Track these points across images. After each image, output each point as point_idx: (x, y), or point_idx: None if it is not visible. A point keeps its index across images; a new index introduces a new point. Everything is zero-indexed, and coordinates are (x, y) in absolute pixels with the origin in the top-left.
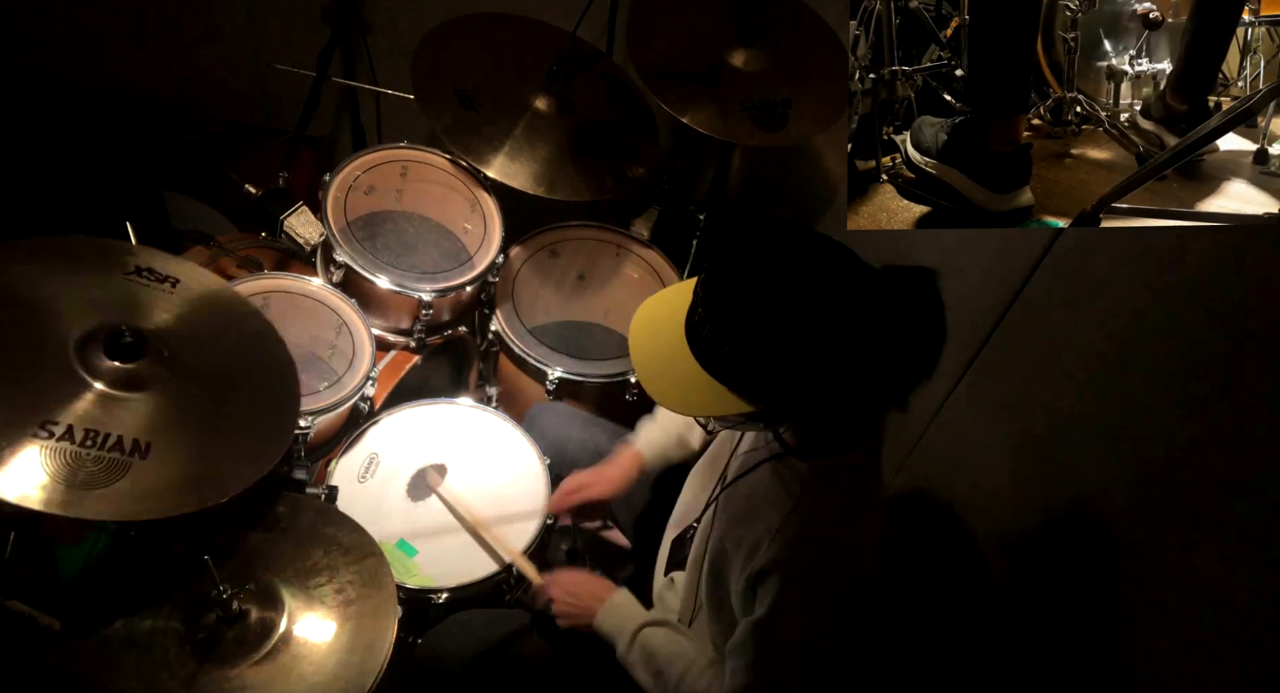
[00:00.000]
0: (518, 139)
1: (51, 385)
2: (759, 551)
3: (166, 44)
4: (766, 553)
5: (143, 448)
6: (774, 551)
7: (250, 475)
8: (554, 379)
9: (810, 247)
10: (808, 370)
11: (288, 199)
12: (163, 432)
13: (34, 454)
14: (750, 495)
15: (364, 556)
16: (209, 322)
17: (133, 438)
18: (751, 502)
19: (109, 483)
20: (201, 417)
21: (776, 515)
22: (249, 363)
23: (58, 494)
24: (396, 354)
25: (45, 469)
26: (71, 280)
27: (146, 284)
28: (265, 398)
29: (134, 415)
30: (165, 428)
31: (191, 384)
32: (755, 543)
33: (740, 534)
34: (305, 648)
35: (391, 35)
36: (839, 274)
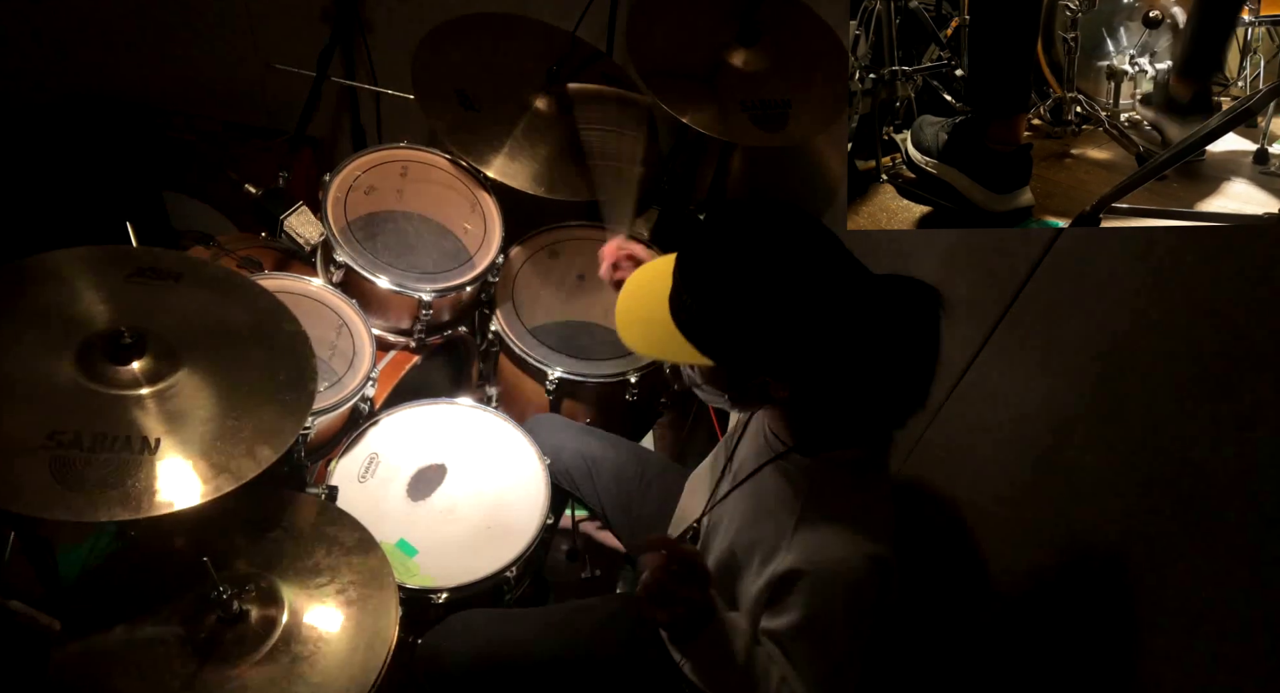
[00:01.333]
0: (518, 139)
1: (54, 392)
2: (776, 553)
3: (167, 44)
4: (787, 556)
5: (152, 445)
6: (795, 553)
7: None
8: (554, 379)
9: (783, 219)
10: (752, 326)
11: (288, 199)
12: (171, 427)
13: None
14: (757, 497)
15: (365, 556)
16: (216, 310)
17: (141, 437)
18: (759, 503)
19: (119, 484)
20: (221, 398)
21: (788, 516)
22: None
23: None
24: (396, 354)
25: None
26: (73, 289)
27: (149, 283)
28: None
29: (139, 414)
30: (173, 423)
31: (198, 376)
32: (771, 546)
33: (751, 538)
34: (306, 648)
35: (391, 35)
36: (796, 242)
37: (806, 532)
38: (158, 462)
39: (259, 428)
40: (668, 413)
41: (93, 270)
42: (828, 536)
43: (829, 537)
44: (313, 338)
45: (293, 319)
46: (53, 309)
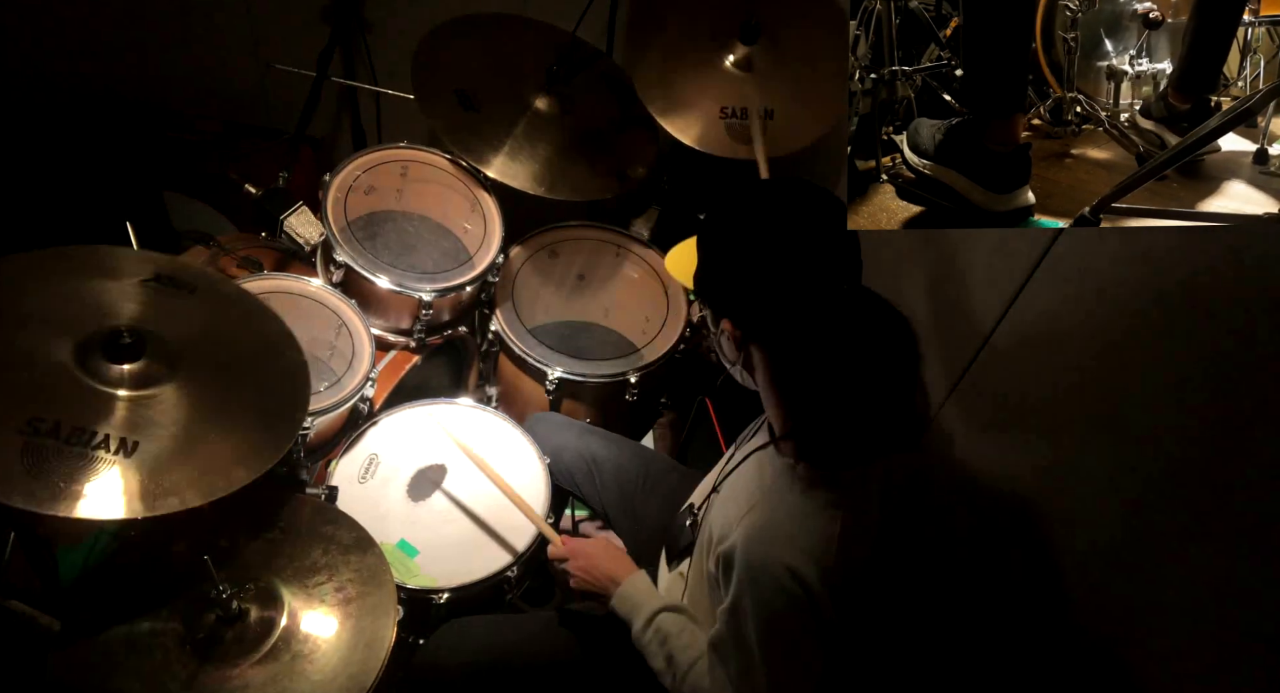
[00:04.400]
0: (518, 139)
1: (46, 380)
2: (729, 534)
3: (166, 44)
4: (731, 537)
5: (129, 447)
6: (737, 536)
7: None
8: (554, 379)
9: (801, 192)
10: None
11: (288, 199)
12: (150, 433)
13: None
14: (736, 484)
15: (364, 554)
16: (221, 323)
17: (119, 437)
18: (734, 489)
19: (84, 480)
20: (206, 414)
21: (747, 501)
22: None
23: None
24: (396, 354)
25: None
26: (89, 284)
27: (165, 291)
28: (272, 395)
29: (122, 415)
30: (152, 430)
31: (196, 383)
32: (729, 526)
33: (720, 519)
34: (305, 648)
35: (391, 35)
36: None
37: (750, 520)
38: (130, 465)
39: (239, 447)
40: (668, 413)
41: (113, 269)
42: (765, 530)
43: (766, 532)
44: (312, 339)
45: (298, 350)
46: (63, 301)
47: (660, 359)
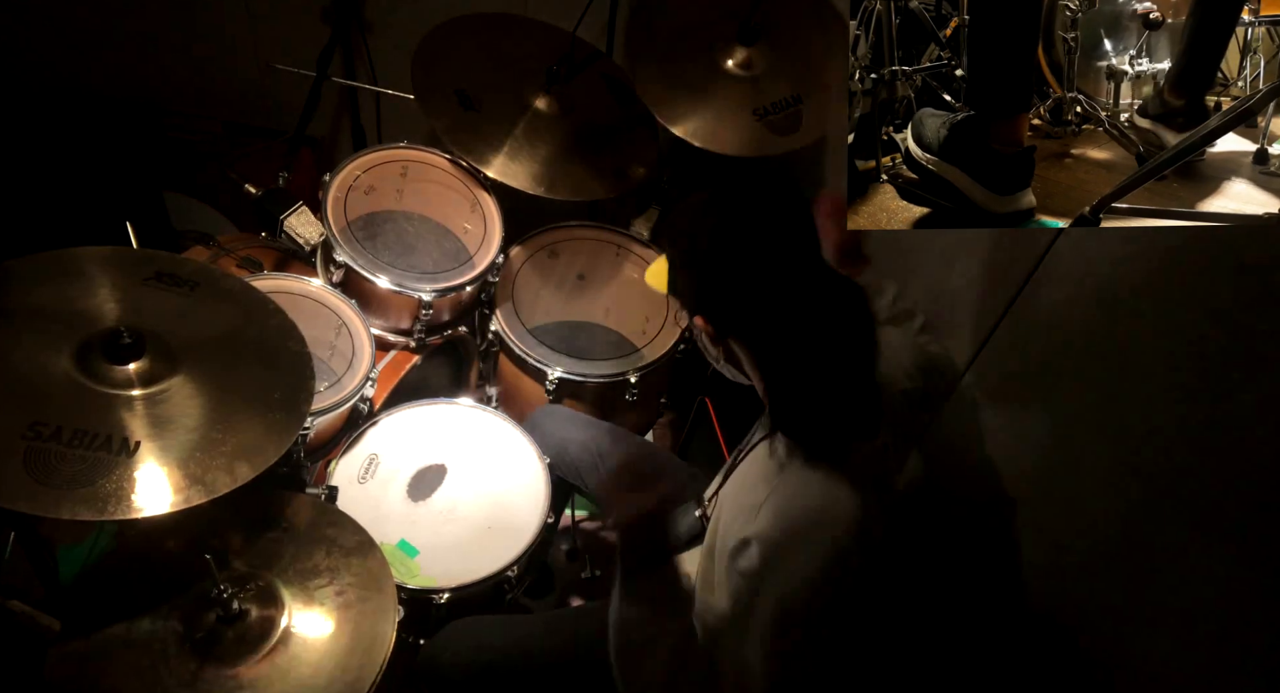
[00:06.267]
0: (518, 139)
1: (46, 384)
2: (748, 522)
3: (167, 44)
4: (751, 524)
5: (131, 447)
6: (764, 517)
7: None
8: (554, 379)
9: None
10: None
11: (288, 199)
12: (153, 432)
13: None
14: (745, 474)
15: (364, 556)
16: (225, 323)
17: (121, 438)
18: (745, 479)
19: (89, 483)
20: (210, 411)
21: (765, 488)
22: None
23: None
24: (396, 354)
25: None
26: (90, 285)
27: (165, 288)
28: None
29: (125, 415)
30: (156, 428)
31: (200, 380)
32: (746, 520)
33: (734, 511)
34: (305, 648)
35: (391, 35)
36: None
37: (774, 503)
38: (133, 465)
39: (242, 444)
40: (668, 413)
41: (113, 269)
42: (793, 508)
43: (794, 509)
44: (312, 339)
45: (300, 341)
46: (64, 303)
47: (660, 359)
